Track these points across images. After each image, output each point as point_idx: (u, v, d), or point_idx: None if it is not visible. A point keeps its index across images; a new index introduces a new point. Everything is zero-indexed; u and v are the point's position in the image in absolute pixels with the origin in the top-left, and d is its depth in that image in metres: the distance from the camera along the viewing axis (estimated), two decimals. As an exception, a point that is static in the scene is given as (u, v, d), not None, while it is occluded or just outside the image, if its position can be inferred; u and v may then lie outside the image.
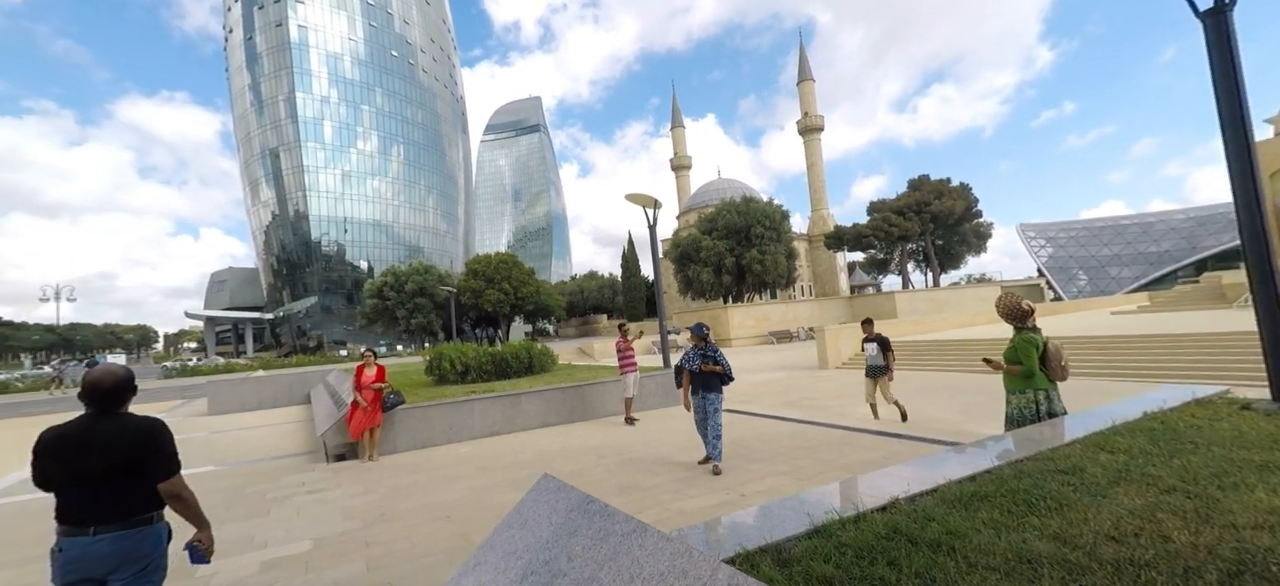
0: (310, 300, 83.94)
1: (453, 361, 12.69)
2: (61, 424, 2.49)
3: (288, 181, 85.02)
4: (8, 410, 20.58)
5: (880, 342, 9.23)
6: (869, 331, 9.49)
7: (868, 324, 9.67)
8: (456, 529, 4.90)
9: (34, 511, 6.78)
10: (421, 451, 8.57)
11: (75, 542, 2.36)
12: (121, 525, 2.40)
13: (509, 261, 61.32)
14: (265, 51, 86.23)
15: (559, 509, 2.19)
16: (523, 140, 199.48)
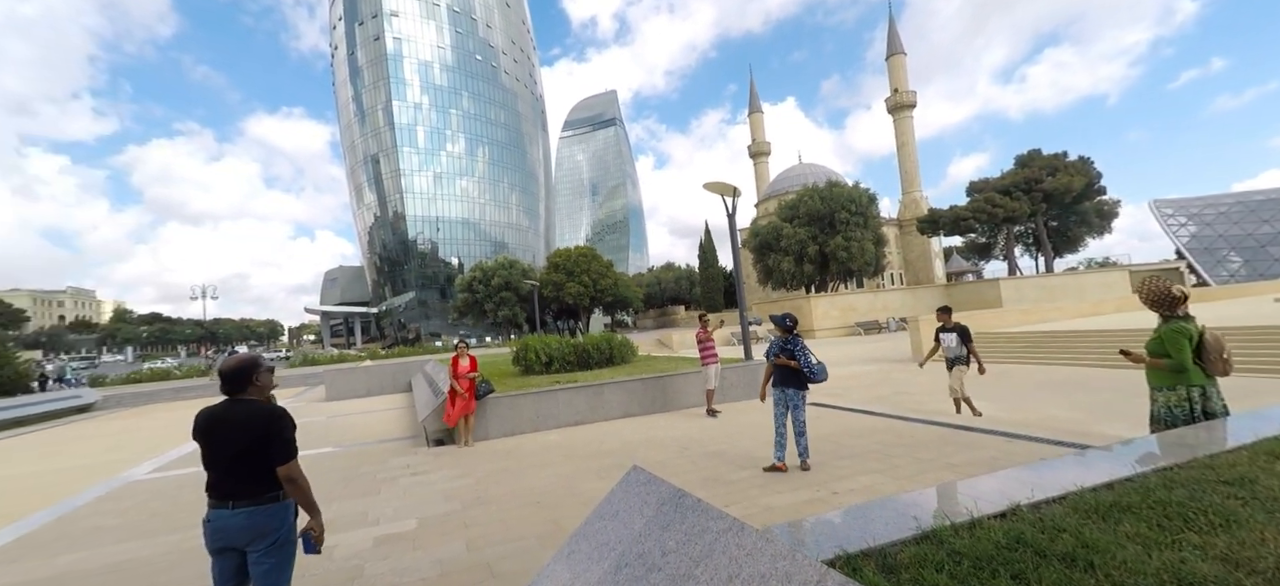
0: (408, 295, 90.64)
1: (537, 352, 13.14)
2: (210, 405, 2.80)
3: (387, 185, 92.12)
4: (169, 394, 23.93)
5: (959, 332, 8.56)
6: (945, 320, 8.83)
7: (944, 312, 8.97)
8: (547, 514, 5.06)
9: (187, 482, 7.82)
10: (511, 438, 8.96)
11: (218, 514, 2.65)
12: (253, 501, 2.65)
13: (588, 254, 62.80)
14: (365, 64, 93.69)
15: (650, 502, 2.16)
16: (599, 135, 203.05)
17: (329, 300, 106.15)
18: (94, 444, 12.65)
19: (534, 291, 50.99)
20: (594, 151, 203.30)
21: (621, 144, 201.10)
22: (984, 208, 45.44)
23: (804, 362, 5.78)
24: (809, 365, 5.78)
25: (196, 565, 4.52)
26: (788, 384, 5.90)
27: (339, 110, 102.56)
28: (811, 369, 5.78)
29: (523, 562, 4.04)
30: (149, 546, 5.10)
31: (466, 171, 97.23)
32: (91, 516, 6.28)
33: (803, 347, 5.87)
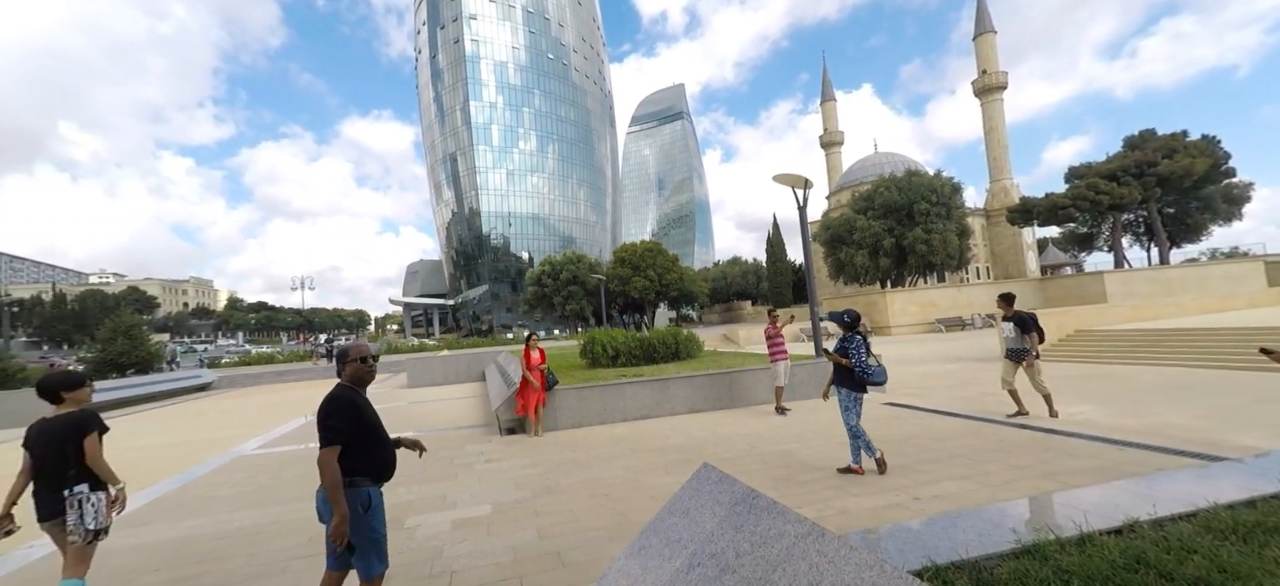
0: (482, 288, 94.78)
1: (604, 346, 13.32)
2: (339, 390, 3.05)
3: (463, 182, 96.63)
4: (272, 377, 26.33)
5: (1019, 322, 7.84)
6: (1007, 309, 8.11)
7: (1004, 300, 8.22)
8: (615, 507, 5.11)
9: (289, 458, 8.55)
10: (578, 430, 9.13)
11: (369, 485, 2.98)
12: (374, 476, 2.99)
13: (654, 249, 62.95)
14: (446, 67, 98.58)
15: (722, 501, 2.10)
16: (666, 129, 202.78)
17: (410, 292, 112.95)
18: (210, 420, 14.14)
19: (600, 285, 51.77)
20: (661, 146, 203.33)
21: (688, 137, 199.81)
22: (1086, 195, 41.30)
23: (856, 361, 5.47)
24: (861, 364, 5.47)
25: (296, 536, 4.93)
26: (842, 383, 5.64)
27: (421, 111, 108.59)
28: (864, 368, 5.46)
29: (591, 554, 4.09)
30: (257, 516, 5.62)
31: (537, 168, 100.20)
32: (208, 486, 7.01)
33: (858, 345, 5.55)
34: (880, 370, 5.52)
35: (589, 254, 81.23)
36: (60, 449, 3.38)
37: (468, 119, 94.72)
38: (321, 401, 2.84)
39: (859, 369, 5.47)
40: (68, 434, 3.40)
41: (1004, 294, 8.27)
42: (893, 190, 43.92)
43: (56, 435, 3.40)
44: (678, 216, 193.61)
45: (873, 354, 5.60)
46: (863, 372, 5.45)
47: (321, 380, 25.17)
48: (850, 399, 5.58)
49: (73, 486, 3.35)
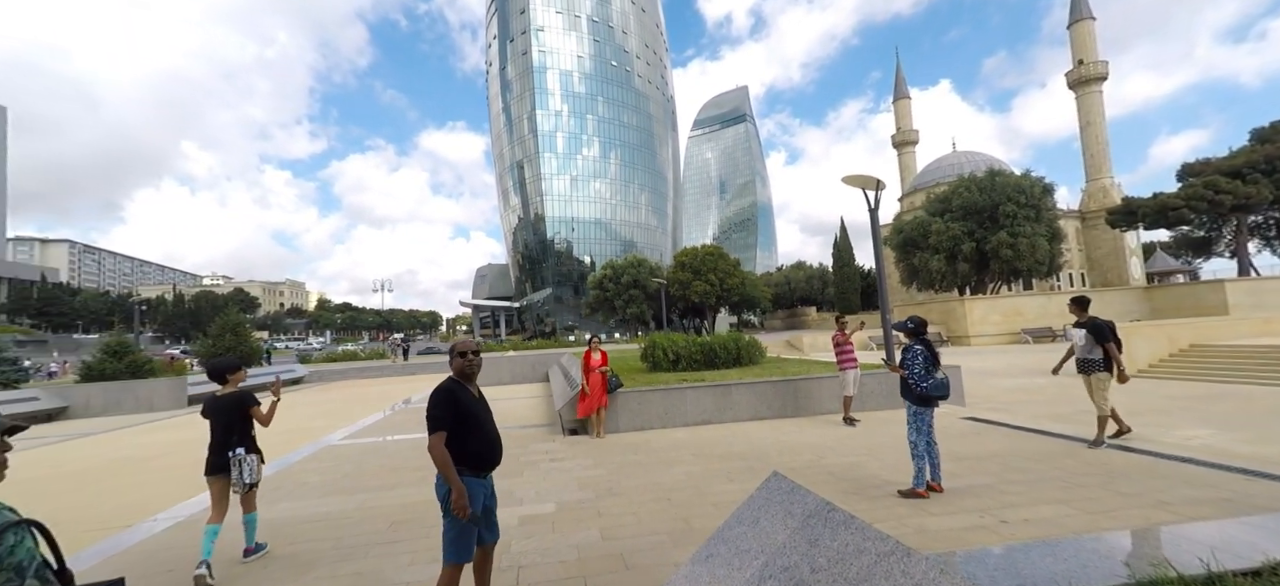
0: (546, 291, 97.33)
1: (665, 350, 13.30)
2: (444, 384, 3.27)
3: (529, 189, 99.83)
4: (356, 372, 28.18)
5: (1093, 329, 6.86)
6: (1080, 314, 7.09)
7: (1077, 305, 7.21)
8: (677, 512, 5.07)
9: (372, 449, 9.09)
10: (640, 433, 9.15)
11: (476, 479, 3.27)
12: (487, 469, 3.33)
13: (715, 253, 62.37)
14: (514, 78, 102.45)
15: (795, 512, 2.02)
16: (728, 132, 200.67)
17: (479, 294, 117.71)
18: (301, 411, 15.29)
19: (661, 289, 51.83)
20: (723, 149, 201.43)
21: (751, 140, 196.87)
22: (1204, 194, 37.04)
23: (910, 373, 5.12)
24: (914, 375, 5.09)
25: (378, 523, 5.22)
26: (905, 396, 5.27)
27: (491, 121, 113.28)
28: (919, 381, 5.06)
29: (655, 557, 4.07)
30: (343, 502, 6.01)
31: (600, 173, 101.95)
32: (300, 473, 7.57)
33: (916, 356, 5.16)
34: (939, 382, 5.10)
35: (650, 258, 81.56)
36: (227, 419, 4.32)
37: (534, 127, 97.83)
38: (429, 395, 3.11)
39: (912, 381, 5.10)
40: (233, 407, 4.35)
41: (1077, 297, 7.29)
42: (973, 191, 41.25)
43: (226, 410, 4.35)
44: (740, 220, 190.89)
45: (939, 365, 5.19)
46: (917, 386, 5.09)
47: (398, 377, 26.69)
48: (910, 413, 5.20)
49: (235, 449, 4.27)
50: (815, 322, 70.68)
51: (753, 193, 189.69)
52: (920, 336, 5.28)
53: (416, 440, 9.43)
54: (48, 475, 8.50)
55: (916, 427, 5.14)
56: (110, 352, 20.26)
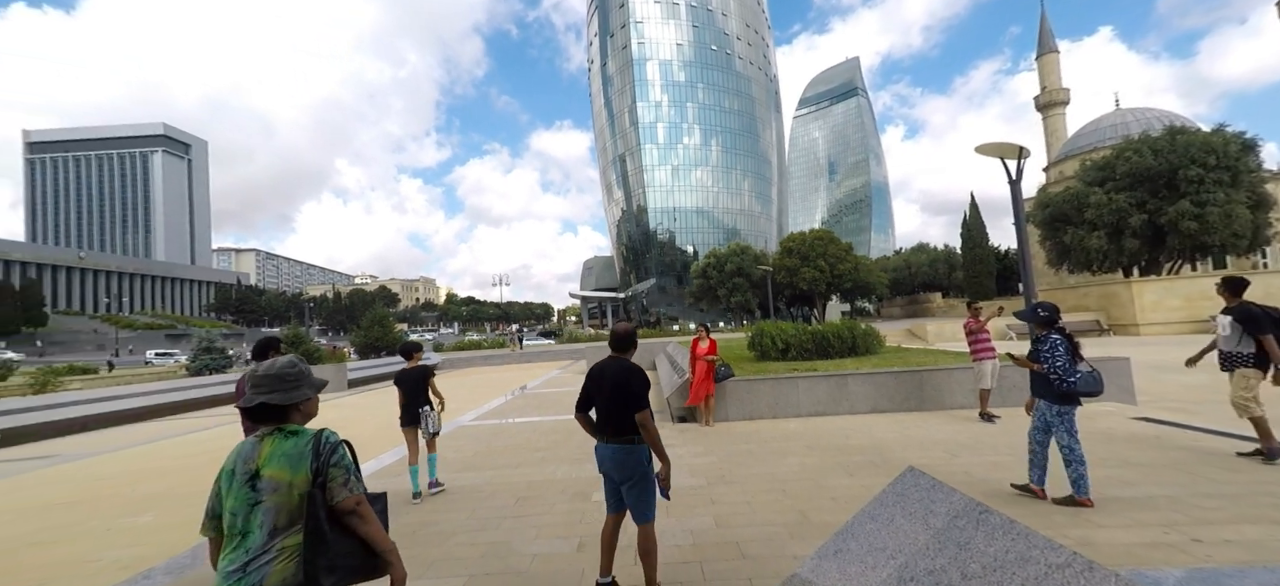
0: (650, 281, 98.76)
1: (774, 338, 12.93)
2: (603, 360, 3.45)
3: (631, 181, 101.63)
4: (480, 361, 30.60)
5: (1245, 318, 5.45)
6: (1231, 299, 5.69)
7: (1231, 287, 5.74)
8: (793, 503, 4.89)
9: (500, 430, 9.80)
10: (749, 423, 8.97)
11: (600, 446, 3.32)
12: (617, 439, 3.22)
13: (824, 237, 59.37)
14: (615, 72, 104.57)
15: (938, 512, 1.84)
16: (838, 108, 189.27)
17: (586, 286, 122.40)
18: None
19: (767, 277, 50.40)
20: (832, 127, 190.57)
21: (864, 115, 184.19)
22: None
23: (1052, 366, 4.43)
24: (1057, 368, 4.40)
25: (506, 498, 5.62)
26: (1041, 394, 4.64)
27: (594, 117, 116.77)
28: (1065, 374, 4.37)
29: (771, 548, 3.96)
30: (474, 478, 6.55)
31: (701, 161, 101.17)
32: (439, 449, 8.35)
33: (1056, 345, 4.49)
34: (1090, 376, 4.43)
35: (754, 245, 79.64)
36: (415, 386, 5.95)
37: (635, 120, 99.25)
38: (635, 371, 3.27)
39: (1057, 376, 4.43)
40: (419, 378, 5.99)
41: (1229, 279, 5.80)
42: (1145, 154, 35.03)
43: (413, 378, 5.98)
44: (851, 202, 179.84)
45: (1081, 357, 4.50)
46: (1063, 381, 4.40)
47: (516, 364, 28.58)
48: (1051, 411, 4.56)
49: (422, 407, 5.91)
50: (941, 309, 64.76)
51: (865, 172, 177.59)
52: (1055, 325, 4.64)
53: (534, 423, 10.02)
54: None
55: (1067, 428, 4.49)
56: (293, 342, 23.85)
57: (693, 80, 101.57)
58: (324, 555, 1.73)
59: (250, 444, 1.86)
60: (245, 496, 1.77)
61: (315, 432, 1.89)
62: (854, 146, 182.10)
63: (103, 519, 5.75)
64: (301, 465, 1.79)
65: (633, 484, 3.21)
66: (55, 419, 13.90)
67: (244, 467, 1.81)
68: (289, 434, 1.87)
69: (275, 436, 1.86)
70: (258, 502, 1.76)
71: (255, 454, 1.82)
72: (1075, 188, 38.90)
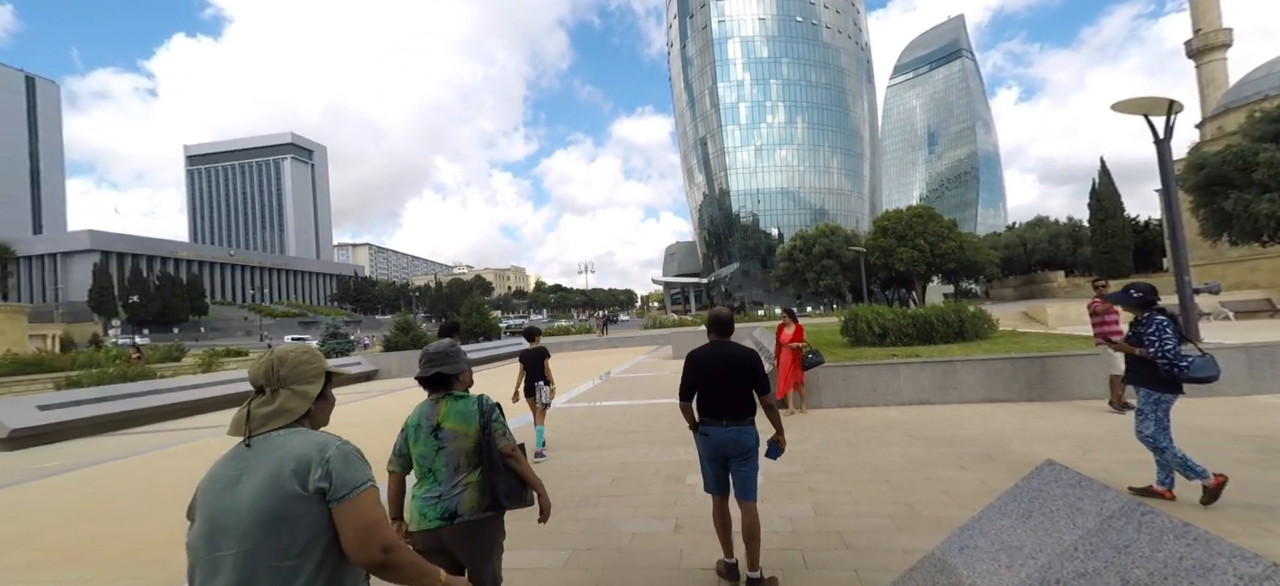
0: (733, 266, 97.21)
1: (869, 323, 12.32)
2: (701, 346, 3.49)
3: (713, 164, 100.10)
4: (569, 345, 31.70)
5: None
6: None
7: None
8: (897, 495, 4.65)
9: (590, 412, 10.13)
10: (845, 410, 8.61)
11: (716, 429, 3.31)
12: (734, 422, 3.28)
13: (924, 215, 55.30)
14: (695, 54, 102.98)
15: (1087, 510, 1.67)
16: (940, 73, 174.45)
17: (668, 272, 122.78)
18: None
19: (859, 258, 47.88)
20: (932, 94, 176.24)
21: (969, 79, 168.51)
22: None
23: (1159, 349, 4.01)
24: (1165, 352, 3.98)
25: (602, 477, 5.82)
26: (1140, 382, 4.25)
27: (674, 101, 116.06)
28: (1176, 359, 3.96)
29: (876, 540, 3.79)
30: (571, 457, 6.83)
31: (785, 140, 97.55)
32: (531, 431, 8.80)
33: (1163, 327, 4.08)
34: (1206, 362, 4.05)
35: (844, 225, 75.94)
36: (535, 363, 7.05)
37: (716, 101, 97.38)
38: (755, 356, 3.38)
39: (1165, 360, 3.99)
40: (538, 357, 7.08)
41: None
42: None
43: (533, 357, 7.07)
44: (954, 175, 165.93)
45: (1188, 340, 4.20)
46: (1174, 366, 3.98)
47: (602, 349, 29.32)
48: (1150, 401, 4.17)
49: (538, 382, 7.00)
50: (1063, 290, 58.33)
51: (971, 141, 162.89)
52: (1153, 305, 4.29)
53: (624, 406, 10.26)
54: (368, 421, 11.30)
55: (1156, 420, 4.13)
56: (400, 329, 26.10)
57: (776, 56, 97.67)
58: (499, 484, 2.30)
59: (429, 405, 2.43)
60: (431, 444, 2.34)
61: (478, 397, 2.45)
62: (958, 114, 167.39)
63: (261, 481, 6.67)
64: (472, 421, 2.35)
65: (745, 461, 3.29)
66: (218, 394, 16.16)
67: (427, 422, 2.37)
68: (458, 398, 2.43)
69: (448, 399, 2.42)
70: (441, 449, 2.32)
71: (434, 412, 2.38)
72: (1240, 145, 33.16)
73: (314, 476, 1.31)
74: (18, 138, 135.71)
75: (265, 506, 1.29)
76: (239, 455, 1.40)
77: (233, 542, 1.28)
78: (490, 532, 2.32)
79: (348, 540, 1.31)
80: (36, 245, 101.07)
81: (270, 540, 1.27)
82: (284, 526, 1.28)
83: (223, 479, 1.37)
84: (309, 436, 1.41)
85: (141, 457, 8.78)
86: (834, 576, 3.36)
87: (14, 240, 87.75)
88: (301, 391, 1.49)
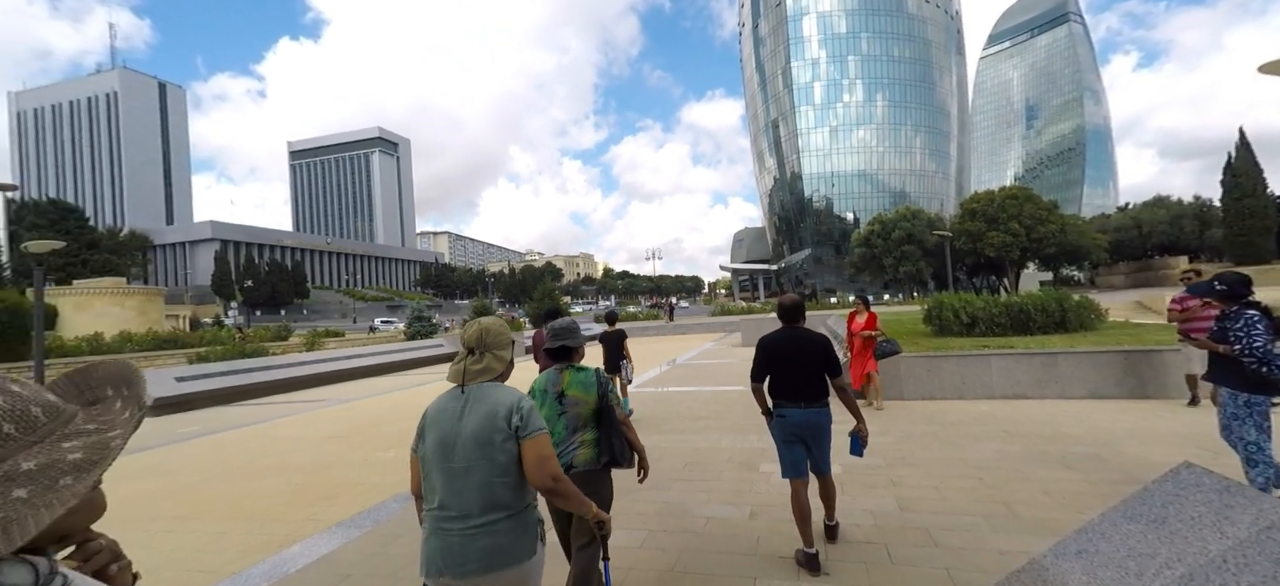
0: (804, 252, 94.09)
1: (956, 311, 11.56)
2: (772, 332, 3.60)
3: (784, 147, 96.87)
4: (636, 332, 32.00)
5: None
6: None
7: None
8: (992, 494, 4.36)
9: (661, 398, 10.22)
10: (930, 403, 8.17)
11: (793, 411, 3.43)
12: (809, 403, 3.41)
13: (1018, 196, 51.03)
14: (767, 33, 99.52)
15: (1237, 519, 1.49)
16: (1042, 40, 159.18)
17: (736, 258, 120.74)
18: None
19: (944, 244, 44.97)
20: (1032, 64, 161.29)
21: (1077, 45, 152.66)
22: None
23: (1246, 346, 3.45)
24: (1254, 350, 3.41)
25: (675, 462, 5.87)
26: (1225, 382, 3.76)
27: (745, 84, 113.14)
28: (1261, 357, 3.39)
29: (968, 539, 3.58)
30: (644, 440, 6.92)
31: (864, 120, 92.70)
32: (608, 409, 9.01)
33: (1254, 323, 3.50)
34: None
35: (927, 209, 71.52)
36: (615, 344, 8.09)
37: (789, 82, 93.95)
38: (826, 341, 3.51)
39: (1253, 358, 3.44)
40: (618, 338, 8.13)
41: None
42: None
43: (613, 339, 8.14)
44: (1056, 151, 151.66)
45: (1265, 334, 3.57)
46: (1261, 365, 3.42)
47: (668, 336, 29.39)
48: (1234, 402, 3.67)
49: (620, 361, 7.98)
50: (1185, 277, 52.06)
51: (1077, 113, 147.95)
52: (1244, 298, 3.72)
53: (693, 393, 10.26)
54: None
55: (1256, 423, 3.56)
56: (480, 312, 27.39)
57: (855, 30, 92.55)
58: (615, 444, 2.72)
59: (552, 374, 2.81)
60: (555, 408, 2.71)
61: (595, 370, 2.84)
62: (1062, 84, 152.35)
63: (362, 451, 7.23)
64: (591, 390, 2.73)
65: (820, 439, 3.45)
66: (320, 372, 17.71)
67: (552, 389, 2.75)
68: (579, 369, 2.81)
69: (571, 370, 2.79)
70: (563, 412, 2.71)
71: (559, 380, 2.76)
72: None
73: (513, 418, 1.80)
74: (153, 139, 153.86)
75: (481, 434, 1.79)
76: (457, 396, 1.90)
77: (460, 458, 1.79)
78: (601, 483, 2.68)
79: (528, 466, 1.79)
80: (169, 235, 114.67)
81: (484, 458, 1.78)
82: (493, 450, 1.78)
83: (449, 412, 1.87)
84: (508, 390, 1.90)
85: (262, 426, 9.81)
86: (922, 574, 3.21)
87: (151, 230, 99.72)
88: (500, 355, 1.96)
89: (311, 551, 3.97)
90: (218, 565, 3.87)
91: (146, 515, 5.11)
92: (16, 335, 21.73)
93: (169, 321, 49.56)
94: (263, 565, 3.79)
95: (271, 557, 3.91)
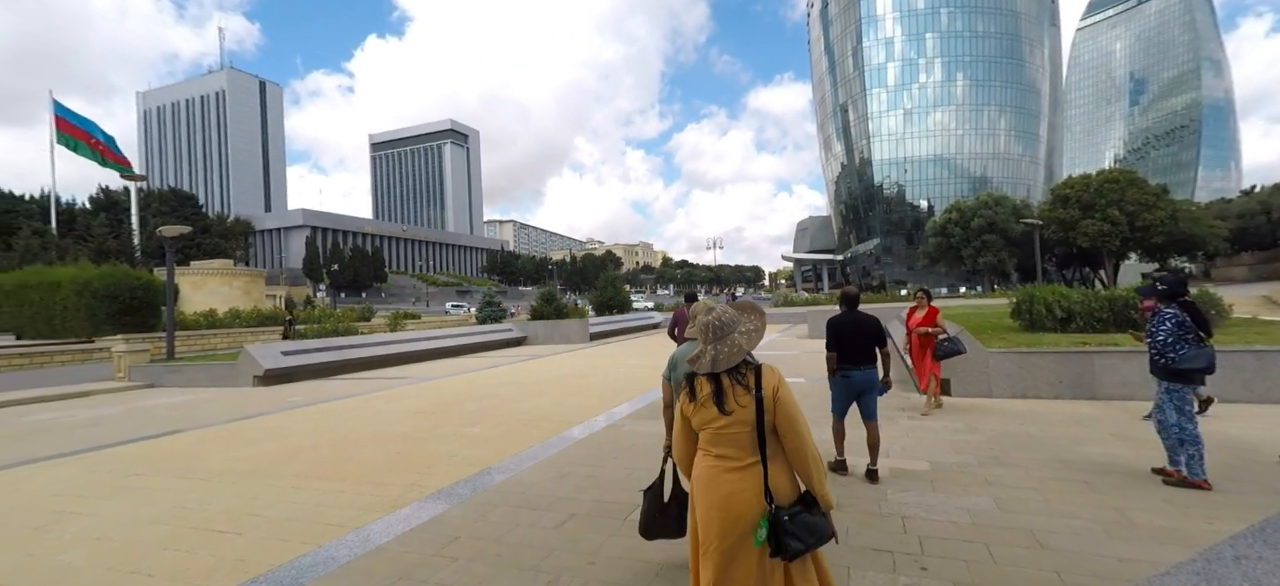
0: (873, 242, 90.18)
1: (1050, 305, 10.84)
2: (839, 314, 4.94)
3: (853, 132, 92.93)
4: (700, 318, 31.94)
5: None
6: None
7: None
8: (1102, 499, 4.10)
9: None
10: (1022, 401, 7.73)
11: (854, 372, 4.78)
12: (866, 365, 4.78)
13: (1120, 180, 46.55)
14: (837, 12, 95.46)
15: None
16: (1152, 5, 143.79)
17: (800, 248, 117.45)
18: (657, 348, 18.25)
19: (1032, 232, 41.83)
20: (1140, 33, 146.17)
21: (1194, 9, 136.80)
22: None
23: (1153, 341, 4.33)
24: (1156, 342, 4.30)
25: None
26: (1154, 372, 4.48)
27: (812, 67, 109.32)
28: (1164, 349, 4.25)
29: (1079, 544, 3.41)
30: (717, 425, 6.97)
31: (941, 101, 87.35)
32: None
33: (1164, 320, 4.31)
34: (1198, 354, 4.17)
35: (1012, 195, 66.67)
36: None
37: (859, 63, 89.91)
38: (878, 321, 4.85)
39: (1155, 351, 4.32)
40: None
41: None
42: None
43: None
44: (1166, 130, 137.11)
45: (1206, 336, 4.43)
46: (1161, 356, 4.28)
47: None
48: (1162, 389, 4.40)
49: None
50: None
51: (1193, 87, 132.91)
52: (1175, 297, 4.44)
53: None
54: (525, 380, 12.49)
55: (1176, 406, 4.26)
56: (545, 299, 28.22)
57: (934, 6, 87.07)
58: None
59: (687, 347, 3.14)
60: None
61: None
62: (1177, 54, 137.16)
63: (450, 427, 7.69)
64: None
65: (870, 392, 4.80)
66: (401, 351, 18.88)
67: (684, 359, 2.92)
68: None
69: None
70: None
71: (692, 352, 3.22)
72: None
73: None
74: (254, 132, 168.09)
75: None
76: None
77: None
78: None
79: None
80: (267, 221, 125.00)
81: None
82: None
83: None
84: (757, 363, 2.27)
85: (358, 399, 10.63)
86: (1030, 576, 3.09)
87: (252, 217, 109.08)
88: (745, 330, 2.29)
89: (420, 514, 4.32)
90: (343, 519, 4.29)
91: (273, 472, 5.71)
92: (149, 310, 24.55)
93: (269, 301, 54.31)
94: (380, 523, 4.17)
95: (386, 517, 4.29)
